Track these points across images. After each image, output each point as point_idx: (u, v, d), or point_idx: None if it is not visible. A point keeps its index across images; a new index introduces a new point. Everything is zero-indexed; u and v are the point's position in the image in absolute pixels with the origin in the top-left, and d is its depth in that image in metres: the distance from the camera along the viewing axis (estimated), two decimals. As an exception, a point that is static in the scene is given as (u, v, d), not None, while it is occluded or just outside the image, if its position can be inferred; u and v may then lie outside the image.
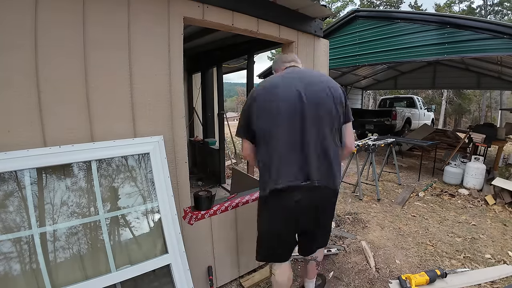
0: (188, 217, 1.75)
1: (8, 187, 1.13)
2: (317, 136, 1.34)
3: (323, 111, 1.35)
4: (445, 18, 4.43)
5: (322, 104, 1.35)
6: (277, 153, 1.33)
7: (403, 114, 8.62)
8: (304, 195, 1.34)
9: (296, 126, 1.32)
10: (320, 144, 1.34)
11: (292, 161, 1.33)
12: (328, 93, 1.38)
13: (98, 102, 1.35)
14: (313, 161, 1.33)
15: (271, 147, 1.34)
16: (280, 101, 1.32)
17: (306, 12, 2.25)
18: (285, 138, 1.33)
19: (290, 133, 1.33)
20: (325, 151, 1.35)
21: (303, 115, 1.32)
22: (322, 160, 1.36)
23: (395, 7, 22.54)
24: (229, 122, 5.17)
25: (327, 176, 1.36)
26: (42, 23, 1.17)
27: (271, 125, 1.33)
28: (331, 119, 1.38)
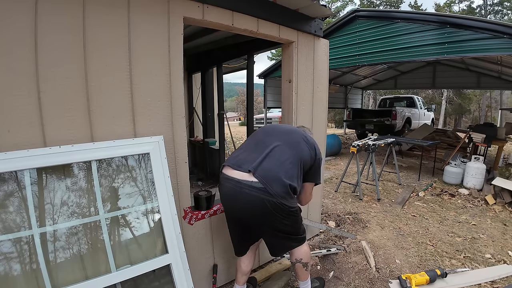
0: (188, 217, 1.75)
1: (8, 187, 1.13)
2: (282, 155, 1.52)
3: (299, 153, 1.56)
4: (445, 18, 4.43)
5: (299, 149, 1.58)
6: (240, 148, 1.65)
7: (403, 114, 8.62)
8: (235, 184, 1.45)
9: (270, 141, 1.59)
10: (281, 161, 1.49)
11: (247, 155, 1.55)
12: (308, 149, 1.60)
13: (98, 102, 1.35)
14: (264, 160, 1.48)
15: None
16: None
17: (306, 12, 2.25)
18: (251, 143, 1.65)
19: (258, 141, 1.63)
20: (282, 163, 1.48)
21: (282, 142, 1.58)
22: (273, 165, 1.47)
23: (395, 7, 22.53)
24: (229, 122, 5.17)
25: (270, 178, 1.42)
26: (42, 24, 1.17)
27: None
28: (301, 163, 1.55)
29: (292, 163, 1.49)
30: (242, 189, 1.41)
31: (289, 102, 2.36)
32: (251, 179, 1.40)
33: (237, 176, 1.45)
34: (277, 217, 1.45)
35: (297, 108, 2.38)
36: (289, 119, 2.39)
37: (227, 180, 1.49)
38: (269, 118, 10.90)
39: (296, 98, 2.36)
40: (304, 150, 1.57)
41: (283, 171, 1.45)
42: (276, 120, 11.09)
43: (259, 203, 1.40)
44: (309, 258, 1.69)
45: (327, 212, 3.43)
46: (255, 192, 1.39)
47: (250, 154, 1.52)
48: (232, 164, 1.51)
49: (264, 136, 1.64)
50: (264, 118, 9.61)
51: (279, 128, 1.73)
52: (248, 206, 1.43)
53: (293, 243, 1.63)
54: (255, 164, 1.44)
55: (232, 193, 1.46)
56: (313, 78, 2.51)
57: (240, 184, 1.42)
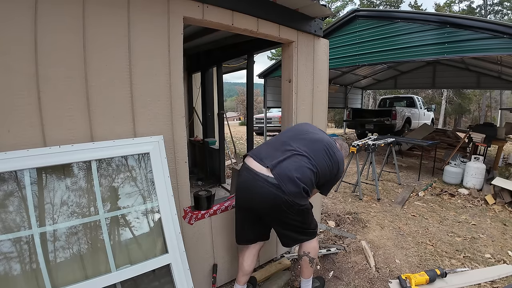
0: (188, 217, 1.75)
1: (8, 187, 1.13)
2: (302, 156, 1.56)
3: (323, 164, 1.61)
4: (445, 17, 4.43)
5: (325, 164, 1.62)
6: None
7: (403, 114, 8.62)
8: (252, 175, 1.51)
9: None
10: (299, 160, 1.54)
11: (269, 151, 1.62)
12: (329, 164, 1.64)
13: (98, 102, 1.35)
14: (284, 160, 1.52)
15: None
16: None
17: (306, 11, 2.25)
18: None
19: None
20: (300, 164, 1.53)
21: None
22: (292, 167, 1.50)
23: (395, 6, 22.53)
24: (229, 122, 5.17)
25: (285, 178, 1.46)
26: (42, 24, 1.17)
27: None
28: (318, 174, 1.59)
29: (310, 169, 1.54)
30: (258, 181, 1.48)
31: (289, 102, 2.36)
32: (268, 174, 1.47)
33: (255, 168, 1.52)
34: (288, 213, 1.51)
35: (297, 108, 2.39)
36: (289, 119, 2.39)
37: (246, 170, 1.56)
38: (269, 118, 10.89)
39: (296, 98, 2.36)
40: (324, 165, 1.61)
41: (300, 174, 1.49)
42: (276, 120, 11.08)
43: (271, 197, 1.45)
44: (316, 254, 1.75)
45: (327, 212, 3.43)
46: (268, 187, 1.45)
47: (274, 152, 1.58)
48: (255, 156, 1.57)
49: (292, 138, 1.67)
50: (264, 118, 9.60)
51: (309, 134, 1.73)
52: (260, 198, 1.49)
53: (304, 236, 1.69)
54: (275, 161, 1.50)
55: (248, 183, 1.53)
56: (313, 78, 2.51)
57: (257, 176, 1.49)
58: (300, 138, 1.67)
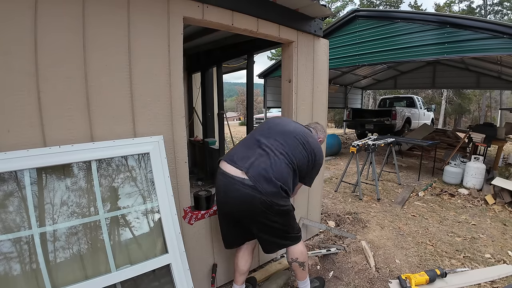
0: (188, 217, 1.75)
1: (8, 187, 1.13)
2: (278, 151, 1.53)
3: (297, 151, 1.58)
4: (444, 18, 4.44)
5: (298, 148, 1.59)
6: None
7: (403, 114, 8.62)
8: (228, 179, 1.48)
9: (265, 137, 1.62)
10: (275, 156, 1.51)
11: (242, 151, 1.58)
12: (306, 154, 1.60)
13: (98, 102, 1.35)
14: (258, 159, 1.49)
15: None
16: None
17: (306, 11, 2.25)
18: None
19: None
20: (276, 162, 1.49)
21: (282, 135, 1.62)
22: (266, 165, 1.47)
23: (395, 7, 22.53)
24: (229, 122, 5.17)
25: (261, 178, 1.43)
26: (42, 24, 1.17)
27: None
28: (296, 166, 1.56)
29: (287, 165, 1.51)
30: (234, 185, 1.45)
31: (289, 102, 2.36)
32: (243, 176, 1.44)
33: (231, 172, 1.49)
34: (267, 214, 1.47)
35: (297, 108, 2.39)
36: (289, 119, 2.39)
37: (222, 175, 1.53)
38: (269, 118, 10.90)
39: (296, 98, 2.36)
40: (301, 155, 1.58)
41: (275, 172, 1.45)
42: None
43: (249, 199, 1.42)
44: (305, 257, 1.69)
45: (327, 212, 3.43)
46: (245, 189, 1.42)
47: (246, 152, 1.55)
48: (228, 160, 1.54)
49: (264, 135, 1.62)
50: (264, 118, 9.60)
51: (281, 127, 1.68)
52: (238, 202, 1.46)
53: (286, 241, 1.63)
54: (248, 162, 1.47)
55: (224, 187, 1.50)
56: (313, 78, 2.51)
57: (233, 180, 1.46)
58: (272, 134, 1.62)
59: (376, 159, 6.02)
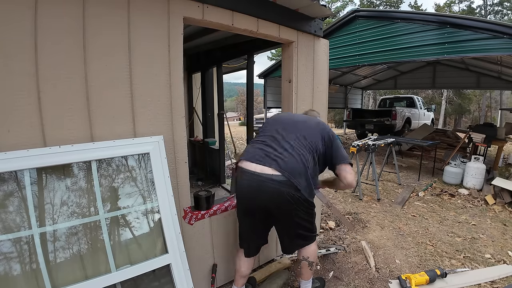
0: (188, 217, 1.75)
1: (8, 187, 1.13)
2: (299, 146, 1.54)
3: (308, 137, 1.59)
4: (444, 18, 4.44)
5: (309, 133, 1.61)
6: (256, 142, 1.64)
7: (403, 114, 8.62)
8: (256, 177, 1.46)
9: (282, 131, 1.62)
10: (298, 150, 1.51)
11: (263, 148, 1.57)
12: (322, 139, 1.62)
13: (98, 102, 1.35)
14: (284, 154, 1.48)
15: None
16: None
17: (306, 12, 2.25)
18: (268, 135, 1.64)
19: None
20: (300, 155, 1.50)
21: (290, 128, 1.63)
22: (295, 159, 1.48)
23: (395, 7, 22.53)
24: (229, 122, 5.17)
25: (294, 172, 1.44)
26: (42, 24, 1.17)
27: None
28: (314, 147, 1.57)
29: (311, 157, 1.53)
30: (264, 182, 1.43)
31: (289, 102, 2.36)
32: (272, 172, 1.42)
33: (257, 170, 1.46)
34: (298, 211, 1.49)
35: (297, 108, 2.38)
36: (289, 119, 2.38)
37: (247, 174, 1.49)
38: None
39: (296, 98, 2.36)
40: (320, 143, 1.59)
41: (304, 163, 1.48)
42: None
43: (281, 196, 1.42)
44: (315, 257, 1.73)
45: (327, 212, 3.43)
46: (276, 185, 1.41)
47: (268, 148, 1.53)
48: (251, 158, 1.51)
49: (280, 130, 1.62)
50: (264, 118, 9.60)
51: (294, 119, 1.70)
52: (271, 199, 1.45)
53: (306, 241, 1.66)
54: (275, 157, 1.46)
55: (254, 185, 1.46)
56: (313, 78, 2.51)
57: (261, 177, 1.44)
58: (288, 128, 1.62)
59: (376, 159, 6.01)
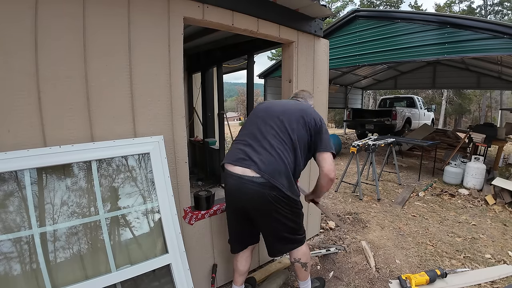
0: (188, 217, 1.75)
1: (8, 187, 1.13)
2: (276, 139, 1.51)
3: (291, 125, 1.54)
4: (445, 18, 4.44)
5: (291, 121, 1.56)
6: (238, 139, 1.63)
7: (403, 114, 8.61)
8: (238, 180, 1.45)
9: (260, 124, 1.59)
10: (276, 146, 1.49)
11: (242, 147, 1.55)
12: (307, 128, 1.57)
13: (98, 102, 1.35)
14: (263, 152, 1.46)
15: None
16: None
17: (306, 12, 2.25)
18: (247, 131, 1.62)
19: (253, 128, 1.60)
20: (278, 152, 1.48)
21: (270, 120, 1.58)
22: (274, 156, 1.46)
23: (395, 7, 22.53)
24: (229, 122, 5.17)
25: (273, 172, 1.42)
26: (42, 24, 1.17)
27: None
28: (303, 144, 1.55)
29: (292, 150, 1.50)
30: (245, 184, 1.43)
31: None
32: (252, 174, 1.42)
33: (238, 172, 1.46)
34: (280, 210, 1.47)
35: (297, 108, 2.38)
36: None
37: (230, 176, 1.50)
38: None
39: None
40: (301, 129, 1.53)
41: (284, 161, 1.45)
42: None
43: (262, 197, 1.41)
44: (308, 258, 1.69)
45: (327, 212, 3.43)
46: (257, 187, 1.41)
47: (248, 148, 1.51)
48: (232, 161, 1.50)
49: (259, 125, 1.57)
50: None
51: (274, 111, 1.62)
52: (251, 200, 1.45)
53: (293, 245, 1.63)
54: (255, 158, 1.44)
55: (236, 188, 1.48)
56: (313, 78, 2.51)
57: (242, 180, 1.44)
58: (269, 120, 1.56)
59: (376, 159, 6.02)
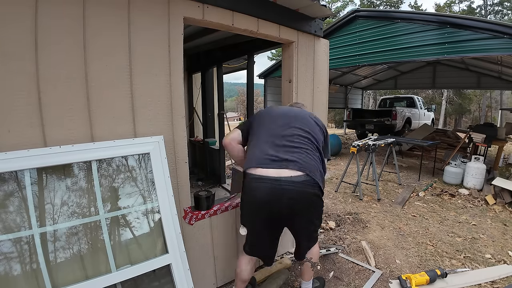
0: (188, 217, 1.75)
1: (8, 187, 1.13)
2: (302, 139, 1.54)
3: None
4: (445, 18, 4.44)
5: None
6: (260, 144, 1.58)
7: (403, 114, 8.61)
8: (273, 183, 1.41)
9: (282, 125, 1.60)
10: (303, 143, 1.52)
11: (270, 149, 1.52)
12: (320, 130, 1.66)
13: (98, 102, 1.35)
14: (295, 152, 1.47)
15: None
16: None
17: (306, 12, 2.25)
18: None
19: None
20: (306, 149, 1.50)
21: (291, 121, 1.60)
22: (306, 155, 1.48)
23: (395, 7, 22.53)
24: (229, 122, 5.17)
25: (311, 169, 1.44)
26: (42, 24, 1.17)
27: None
28: (320, 146, 1.60)
29: (317, 150, 1.55)
30: (282, 186, 1.37)
31: (289, 102, 2.36)
32: (291, 174, 1.38)
33: (273, 175, 1.38)
34: (318, 208, 1.54)
35: (297, 108, 2.38)
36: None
37: (261, 181, 1.40)
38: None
39: (296, 98, 2.36)
40: (319, 133, 1.63)
41: (316, 159, 1.49)
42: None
43: (303, 197, 1.41)
44: (318, 258, 1.75)
45: (327, 212, 3.43)
46: (297, 187, 1.38)
47: (275, 149, 1.46)
48: (261, 164, 1.43)
49: (281, 127, 1.56)
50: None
51: (290, 114, 1.64)
52: (291, 202, 1.39)
53: (312, 243, 1.68)
54: (290, 157, 1.42)
55: (270, 192, 1.39)
56: (313, 78, 2.51)
57: (280, 182, 1.37)
58: (289, 122, 1.59)
59: (377, 159, 6.02)
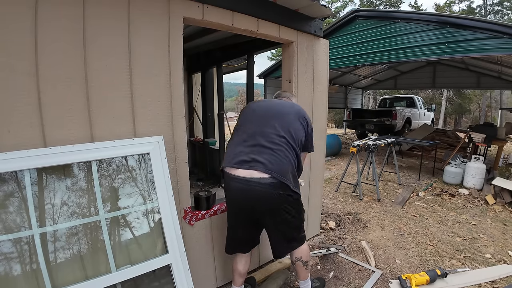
0: (188, 217, 1.75)
1: (8, 188, 1.13)
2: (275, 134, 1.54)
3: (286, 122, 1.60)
4: (444, 18, 4.43)
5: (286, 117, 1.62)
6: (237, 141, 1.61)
7: (403, 114, 8.62)
8: (244, 183, 1.45)
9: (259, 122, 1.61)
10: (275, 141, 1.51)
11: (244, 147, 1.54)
12: (302, 126, 1.64)
13: (98, 102, 1.35)
14: (267, 152, 1.48)
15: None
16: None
17: (306, 12, 2.25)
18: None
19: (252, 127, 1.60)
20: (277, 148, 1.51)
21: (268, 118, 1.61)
22: (278, 155, 1.48)
23: (395, 7, 22.53)
24: (229, 122, 5.17)
25: (281, 171, 1.45)
26: (42, 24, 1.17)
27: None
28: (299, 142, 1.60)
29: (293, 147, 1.54)
30: (252, 186, 1.43)
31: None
32: (260, 176, 1.42)
33: (244, 175, 1.45)
34: (289, 209, 1.52)
35: (297, 108, 2.38)
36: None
37: (235, 180, 1.48)
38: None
39: (296, 98, 2.36)
40: (300, 129, 1.61)
41: (289, 160, 1.49)
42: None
43: (271, 198, 1.44)
44: (308, 256, 1.72)
45: (327, 212, 3.43)
46: (265, 188, 1.42)
47: (250, 149, 1.50)
48: (235, 164, 1.49)
49: (258, 125, 1.58)
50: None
51: (270, 110, 1.65)
52: (260, 202, 1.46)
53: (298, 243, 1.66)
54: (260, 159, 1.45)
55: (242, 191, 1.47)
56: (313, 78, 2.51)
57: (249, 182, 1.43)
58: (266, 118, 1.59)
59: (376, 159, 6.02)
